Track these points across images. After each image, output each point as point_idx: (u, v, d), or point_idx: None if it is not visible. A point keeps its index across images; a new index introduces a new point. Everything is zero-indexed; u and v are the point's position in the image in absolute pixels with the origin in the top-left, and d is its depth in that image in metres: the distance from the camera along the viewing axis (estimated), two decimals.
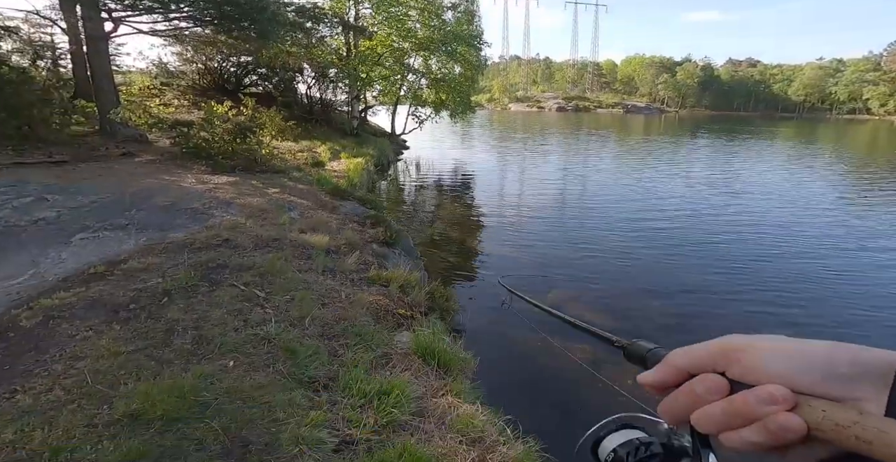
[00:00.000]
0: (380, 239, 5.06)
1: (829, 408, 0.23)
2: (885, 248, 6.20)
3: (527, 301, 0.89)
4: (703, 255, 5.75)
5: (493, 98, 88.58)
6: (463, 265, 5.50)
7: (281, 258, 3.25)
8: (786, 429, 0.23)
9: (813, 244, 6.25)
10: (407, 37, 14.38)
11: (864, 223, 7.44)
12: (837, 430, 0.22)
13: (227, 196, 4.79)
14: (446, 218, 7.83)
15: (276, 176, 6.56)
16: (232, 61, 14.13)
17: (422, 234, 6.72)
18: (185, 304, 2.40)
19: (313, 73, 14.48)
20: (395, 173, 12.73)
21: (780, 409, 0.23)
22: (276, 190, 5.61)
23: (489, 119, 48.83)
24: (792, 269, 5.29)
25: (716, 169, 13.29)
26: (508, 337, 3.78)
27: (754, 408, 0.24)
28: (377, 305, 3.19)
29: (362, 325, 2.80)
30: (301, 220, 4.57)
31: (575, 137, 23.68)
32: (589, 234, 6.37)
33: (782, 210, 8.19)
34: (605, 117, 57.64)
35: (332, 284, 3.25)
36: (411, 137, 19.72)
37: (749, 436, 0.24)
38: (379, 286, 3.64)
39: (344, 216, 5.45)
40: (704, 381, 0.27)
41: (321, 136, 12.50)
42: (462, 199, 9.23)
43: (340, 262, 3.81)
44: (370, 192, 8.91)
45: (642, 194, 9.25)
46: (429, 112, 18.04)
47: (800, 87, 72.15)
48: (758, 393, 0.24)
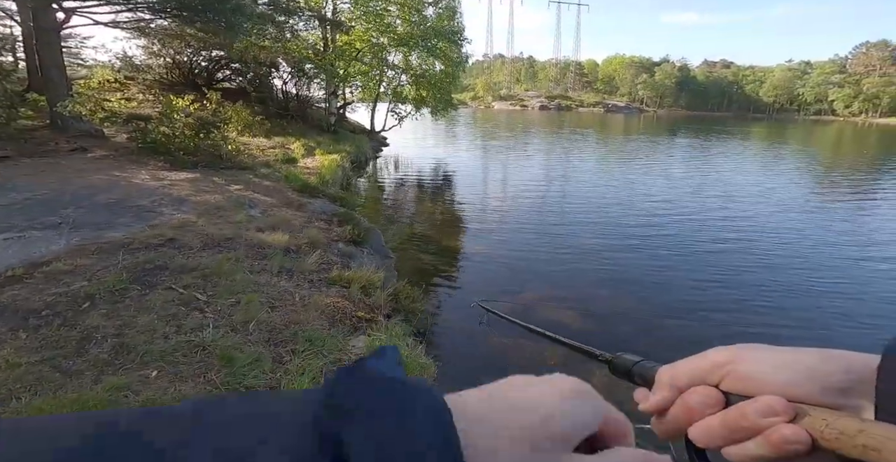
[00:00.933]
0: (346, 238, 4.87)
1: (830, 417, 0.22)
2: (854, 243, 6.37)
3: (505, 318, 0.85)
4: (688, 261, 5.48)
5: (476, 96, 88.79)
6: (438, 265, 5.31)
7: (231, 259, 3.05)
8: (789, 441, 0.22)
9: (789, 244, 6.31)
10: (386, 32, 14.11)
11: (841, 225, 7.62)
12: (842, 440, 0.22)
13: (182, 193, 4.52)
14: (423, 216, 7.66)
15: (242, 172, 6.28)
16: (203, 56, 13.60)
17: (396, 233, 6.53)
18: (110, 309, 2.18)
19: (289, 69, 14.09)
20: (373, 171, 12.47)
21: (781, 421, 0.23)
22: (239, 187, 5.35)
23: (473, 117, 48.76)
24: (773, 271, 5.19)
25: (695, 170, 13.37)
26: (479, 341, 3.65)
27: (754, 420, 0.23)
28: (335, 308, 3.02)
29: (315, 330, 2.64)
30: (261, 219, 4.34)
31: (558, 136, 23.77)
32: (569, 239, 6.09)
33: (759, 209, 8.32)
34: (586, 116, 58.32)
35: (287, 286, 3.06)
36: (393, 135, 19.43)
37: (752, 450, 0.23)
38: (339, 287, 3.47)
39: (310, 214, 5.24)
40: (698, 394, 0.26)
41: (296, 133, 12.15)
42: (441, 198, 9.05)
43: (300, 263, 3.62)
44: (344, 189, 8.67)
45: (622, 193, 9.22)
46: (409, 109, 17.84)
47: (770, 88, 74.67)
48: (756, 405, 0.23)
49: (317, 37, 14.04)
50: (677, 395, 0.27)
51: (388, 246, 5.87)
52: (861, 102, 62.59)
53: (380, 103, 18.11)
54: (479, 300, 4.22)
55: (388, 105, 17.82)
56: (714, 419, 0.25)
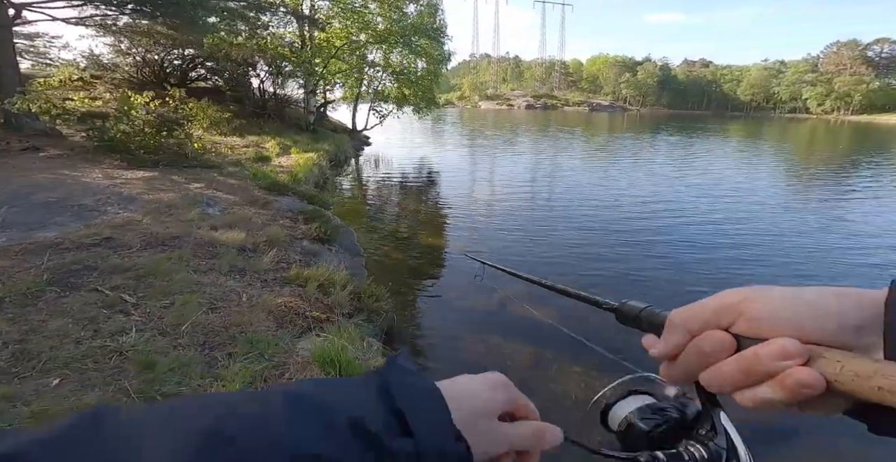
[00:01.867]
0: (312, 235, 4.70)
1: (844, 358, 0.22)
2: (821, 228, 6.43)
3: (502, 270, 0.82)
4: (686, 257, 5.38)
5: (463, 96, 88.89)
6: (413, 263, 5.14)
7: (173, 258, 2.86)
8: (804, 384, 0.22)
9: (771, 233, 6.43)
10: (364, 29, 13.89)
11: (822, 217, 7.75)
12: (858, 382, 0.21)
13: (134, 192, 4.29)
14: (402, 215, 7.49)
15: (207, 171, 6.04)
16: (175, 54, 13.18)
17: (372, 231, 6.36)
18: (18, 313, 1.99)
19: (266, 67, 13.76)
20: (353, 169, 12.24)
21: (795, 364, 0.22)
22: (201, 185, 5.12)
23: (460, 117, 48.68)
24: (747, 242, 5.63)
25: (679, 166, 13.43)
26: (452, 337, 3.53)
27: (767, 364, 0.23)
28: (286, 308, 2.86)
29: (259, 332, 2.47)
30: (219, 217, 4.14)
31: (545, 135, 23.74)
32: (556, 240, 5.82)
33: (741, 196, 8.40)
34: (571, 115, 58.76)
35: (235, 286, 2.89)
36: (376, 134, 19.19)
37: (765, 394, 0.23)
38: (296, 286, 3.30)
39: (276, 212, 5.04)
40: (710, 339, 0.26)
41: (273, 132, 11.87)
42: (423, 196, 8.86)
43: (254, 261, 3.44)
44: (319, 187, 8.46)
45: (610, 192, 8.87)
46: (390, 108, 17.62)
47: (747, 87, 76.39)
48: (770, 348, 0.23)
49: (294, 34, 13.76)
50: (689, 340, 0.27)
51: (362, 244, 5.70)
52: (833, 100, 64.48)
53: (363, 103, 17.88)
54: (470, 253, 4.23)
55: (369, 103, 17.61)
56: (727, 364, 0.25)
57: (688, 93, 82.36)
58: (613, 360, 1.08)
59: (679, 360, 0.27)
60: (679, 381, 0.28)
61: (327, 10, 13.93)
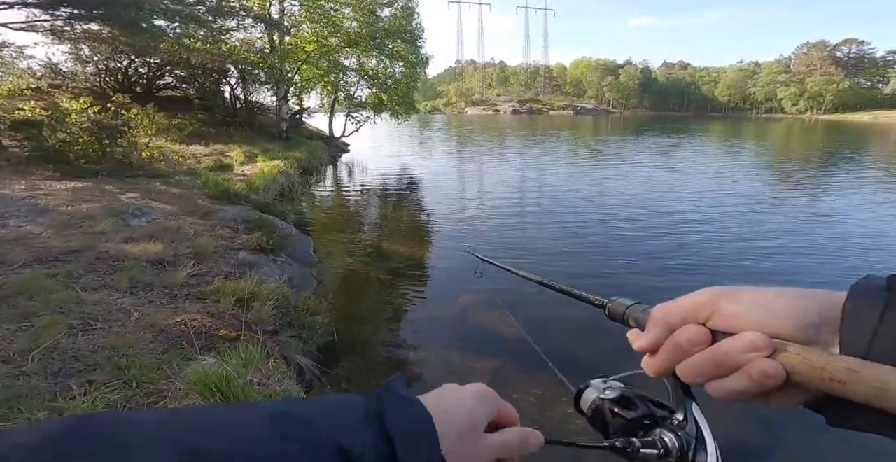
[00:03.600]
0: (253, 245, 4.42)
1: (803, 352, 0.24)
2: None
3: (500, 267, 0.86)
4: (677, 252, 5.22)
5: (450, 102, 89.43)
6: (381, 272, 4.70)
7: (60, 274, 2.57)
8: (766, 374, 0.24)
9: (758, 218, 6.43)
10: (335, 32, 13.73)
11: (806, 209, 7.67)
12: (812, 373, 0.23)
13: (53, 203, 3.98)
14: (373, 221, 7.18)
15: (151, 180, 5.73)
16: (140, 61, 12.86)
17: (334, 240, 6.06)
18: None
19: (237, 74, 13.51)
20: (327, 177, 11.95)
21: (761, 356, 0.25)
22: (135, 195, 4.82)
23: (446, 123, 48.75)
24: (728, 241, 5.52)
25: (664, 167, 13.20)
26: (409, 351, 3.25)
27: (736, 355, 0.25)
28: (186, 327, 2.59)
29: (138, 355, 2.20)
30: (142, 228, 3.86)
31: (531, 140, 23.57)
32: (543, 252, 5.28)
33: (725, 191, 8.31)
34: (557, 119, 59.27)
35: (128, 303, 2.60)
36: (358, 140, 18.96)
37: (734, 384, 0.26)
38: (212, 302, 3.03)
39: (217, 222, 4.76)
40: (687, 333, 0.28)
41: (243, 140, 11.59)
42: (399, 203, 8.49)
43: (168, 275, 3.16)
44: (284, 196, 8.18)
45: (597, 200, 8.21)
46: (367, 114, 17.42)
47: (724, 88, 78.08)
48: (739, 342, 0.25)
49: (264, 40, 13.54)
50: (668, 334, 0.29)
51: (322, 253, 5.42)
52: (806, 100, 66.18)
53: (340, 109, 17.67)
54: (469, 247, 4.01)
55: (346, 109, 17.41)
56: (701, 356, 0.27)
57: (668, 95, 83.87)
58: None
59: (659, 352, 0.29)
60: (659, 373, 0.30)
61: (297, 14, 13.76)
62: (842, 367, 0.22)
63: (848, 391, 0.22)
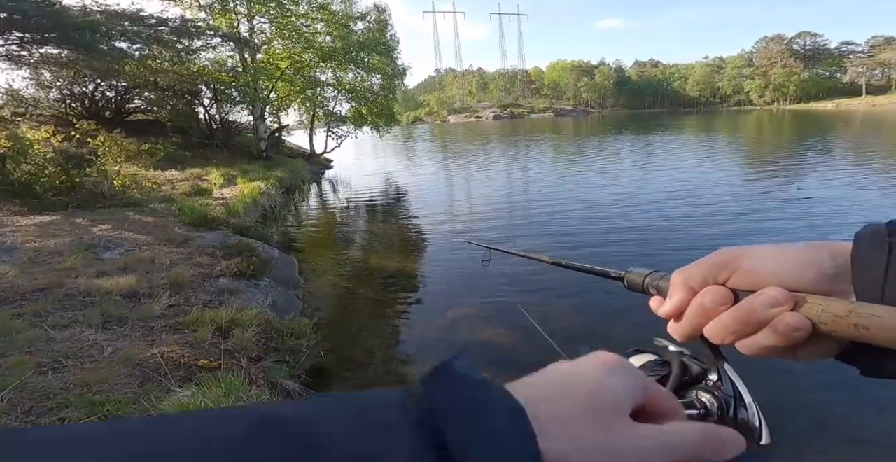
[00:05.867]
0: (233, 271, 4.29)
1: (824, 302, 0.25)
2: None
3: (508, 253, 0.84)
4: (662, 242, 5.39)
5: (431, 111, 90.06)
6: (364, 291, 4.58)
7: (26, 313, 2.43)
8: (792, 327, 0.24)
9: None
10: (308, 48, 13.70)
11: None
12: (837, 321, 0.24)
13: (19, 240, 3.80)
14: (361, 238, 7.02)
15: (124, 210, 5.55)
16: (106, 85, 12.53)
17: (320, 261, 5.91)
18: None
19: (211, 94, 13.33)
20: (310, 196, 11.77)
21: (785, 310, 0.25)
22: (107, 227, 4.65)
23: (430, 132, 48.87)
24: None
25: (644, 162, 13.41)
26: (402, 367, 3.15)
27: (761, 312, 0.25)
28: (165, 359, 2.47)
29: (113, 390, 2.08)
30: (114, 261, 3.70)
31: (514, 144, 23.61)
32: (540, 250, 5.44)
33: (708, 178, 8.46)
34: (538, 122, 60.12)
35: (100, 339, 2.47)
36: (342, 155, 18.78)
37: (762, 340, 0.26)
38: (190, 332, 2.91)
39: (194, 249, 4.61)
40: (710, 294, 0.28)
41: (221, 162, 11.38)
42: (386, 218, 8.33)
43: (143, 308, 3.03)
44: (266, 218, 8.02)
45: (587, 194, 8.50)
46: (348, 128, 17.36)
47: (694, 83, 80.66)
48: (762, 298, 0.25)
49: (234, 58, 13.41)
50: (691, 297, 0.29)
51: (308, 274, 5.28)
52: (771, 92, 68.70)
53: (321, 126, 17.57)
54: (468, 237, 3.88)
55: (325, 125, 17.31)
56: (727, 315, 0.27)
57: (643, 92, 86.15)
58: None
59: (685, 316, 0.29)
60: (687, 337, 0.30)
61: (267, 31, 13.70)
62: (865, 313, 0.23)
63: (873, 336, 0.22)
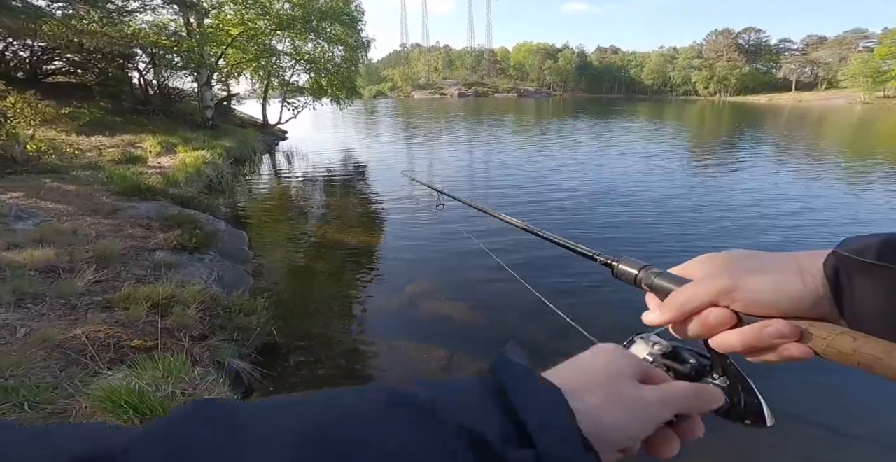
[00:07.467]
0: (172, 244, 3.99)
1: (829, 336, 0.27)
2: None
3: (462, 202, 0.83)
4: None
5: (395, 86, 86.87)
6: (327, 263, 4.50)
7: None
8: (796, 358, 0.28)
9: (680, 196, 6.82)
10: (263, 14, 12.55)
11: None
12: (841, 356, 0.26)
13: None
14: (318, 211, 6.75)
15: (38, 176, 4.93)
16: (20, 44, 10.86)
17: (273, 233, 5.63)
18: None
19: (148, 58, 11.92)
20: (262, 167, 11.11)
21: (790, 342, 0.28)
22: (18, 194, 4.12)
23: (393, 107, 47.30)
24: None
25: (600, 146, 14.02)
26: (360, 345, 3.10)
27: (768, 341, 0.29)
28: (90, 339, 2.27)
29: (29, 374, 1.90)
30: (28, 232, 3.31)
31: (478, 122, 23.45)
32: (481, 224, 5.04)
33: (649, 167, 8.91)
34: (502, 102, 59.99)
35: (11, 319, 2.23)
36: (299, 127, 17.75)
37: (766, 357, 0.30)
38: (121, 310, 2.69)
39: (126, 220, 4.22)
40: (715, 315, 0.30)
41: (159, 129, 10.40)
42: (343, 191, 7.99)
43: (64, 284, 2.75)
44: (212, 188, 7.49)
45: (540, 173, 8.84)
46: (305, 100, 16.36)
47: (648, 72, 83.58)
48: (769, 330, 0.28)
49: (177, 22, 12.02)
50: (682, 318, 0.32)
51: (259, 248, 5.03)
52: (715, 84, 72.84)
53: (276, 96, 16.36)
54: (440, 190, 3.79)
55: (280, 96, 16.19)
56: (733, 335, 0.30)
57: (602, 78, 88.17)
58: None
59: (688, 327, 0.32)
60: (687, 340, 0.33)
61: None
62: (868, 353, 0.25)
63: (875, 372, 0.24)
